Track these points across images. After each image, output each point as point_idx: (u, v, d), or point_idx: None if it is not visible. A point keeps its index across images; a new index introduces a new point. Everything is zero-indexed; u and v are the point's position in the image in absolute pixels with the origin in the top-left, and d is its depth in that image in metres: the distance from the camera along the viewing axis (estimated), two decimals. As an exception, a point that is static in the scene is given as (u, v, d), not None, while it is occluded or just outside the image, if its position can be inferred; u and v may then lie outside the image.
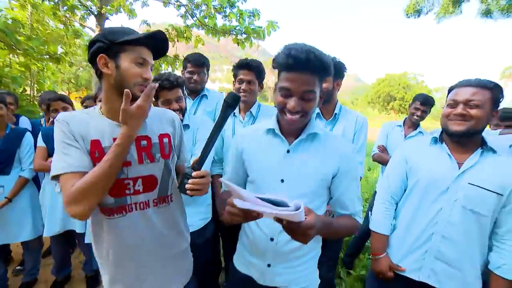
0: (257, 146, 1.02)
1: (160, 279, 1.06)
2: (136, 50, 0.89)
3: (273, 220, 0.95)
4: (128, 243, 0.98)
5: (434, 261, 1.22)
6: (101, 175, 0.83)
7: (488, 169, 1.16)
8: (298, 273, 1.02)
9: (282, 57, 0.88)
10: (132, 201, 0.97)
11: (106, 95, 0.94)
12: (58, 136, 0.90)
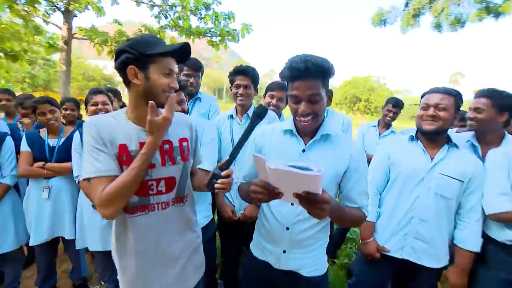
0: (276, 144, 1.12)
1: (179, 274, 1.13)
2: (164, 62, 0.95)
3: (291, 205, 1.07)
4: (150, 239, 1.04)
5: (414, 240, 1.43)
6: (129, 181, 0.90)
7: (453, 161, 1.40)
8: (310, 258, 1.15)
9: (285, 70, 1.01)
10: (154, 201, 1.03)
11: (134, 103, 0.99)
12: (88, 140, 0.94)
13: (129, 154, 0.96)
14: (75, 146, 1.82)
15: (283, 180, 0.80)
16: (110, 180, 0.90)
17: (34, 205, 1.87)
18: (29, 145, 1.84)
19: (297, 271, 1.14)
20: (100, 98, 1.83)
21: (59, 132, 1.93)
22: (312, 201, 0.77)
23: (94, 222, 1.85)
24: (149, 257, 1.05)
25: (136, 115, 1.00)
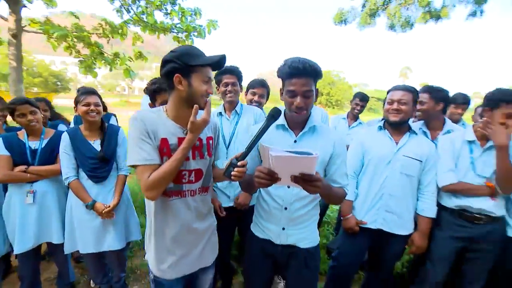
0: (270, 138, 1.27)
1: (201, 252, 1.29)
2: (204, 71, 1.09)
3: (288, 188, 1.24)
4: (182, 221, 1.20)
5: (385, 213, 1.71)
6: (170, 170, 1.06)
7: (413, 145, 1.70)
8: (305, 232, 1.34)
9: (285, 68, 1.16)
10: (186, 188, 1.19)
11: (176, 104, 1.13)
12: (135, 132, 1.07)
13: (169, 148, 1.11)
14: (64, 148, 1.78)
15: (283, 165, 0.95)
16: (153, 168, 1.06)
17: (16, 211, 1.78)
18: (7, 148, 1.74)
19: (295, 244, 1.33)
20: (93, 99, 1.79)
21: (40, 134, 1.86)
22: (308, 180, 0.94)
23: (86, 223, 1.84)
24: (180, 236, 1.21)
25: (176, 115, 1.14)
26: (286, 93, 1.20)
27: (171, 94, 1.13)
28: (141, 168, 1.05)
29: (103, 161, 1.85)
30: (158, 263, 1.20)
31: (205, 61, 1.08)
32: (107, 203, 1.84)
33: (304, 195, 1.27)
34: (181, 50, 1.10)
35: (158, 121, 1.12)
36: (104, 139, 1.87)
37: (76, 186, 1.79)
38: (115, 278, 2.12)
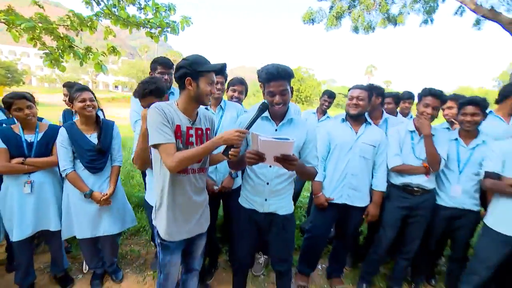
0: (257, 126, 1.54)
1: (198, 221, 1.55)
2: (209, 76, 1.36)
3: (269, 167, 1.54)
4: (186, 193, 1.46)
5: (348, 189, 2.10)
6: (199, 154, 1.33)
7: (369, 133, 2.10)
8: (283, 202, 1.65)
9: (263, 75, 1.47)
10: (189, 168, 1.44)
11: (185, 101, 1.41)
12: (157, 118, 1.32)
13: (181, 132, 1.40)
14: (61, 141, 1.90)
15: (268, 148, 1.25)
16: (173, 146, 1.32)
17: (14, 201, 1.86)
18: (4, 141, 1.82)
19: (275, 212, 1.65)
20: (87, 95, 1.91)
21: (34, 127, 1.95)
22: (287, 160, 1.26)
23: (83, 210, 1.99)
24: (184, 206, 1.48)
25: (185, 108, 1.42)
26: (267, 94, 1.51)
27: (182, 93, 1.39)
28: (164, 146, 1.31)
29: (100, 153, 2.00)
30: (166, 228, 1.44)
31: (210, 68, 1.35)
32: (103, 191, 2.01)
33: (283, 173, 1.59)
34: (192, 58, 1.35)
35: (173, 112, 1.38)
36: (101, 132, 2.02)
37: (73, 177, 1.93)
38: (108, 262, 2.28)
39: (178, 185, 1.43)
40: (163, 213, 1.44)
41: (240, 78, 2.70)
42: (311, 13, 7.50)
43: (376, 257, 2.31)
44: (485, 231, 1.90)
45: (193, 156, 1.32)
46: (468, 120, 1.98)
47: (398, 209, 2.15)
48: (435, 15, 7.46)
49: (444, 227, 2.17)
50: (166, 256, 1.51)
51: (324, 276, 2.52)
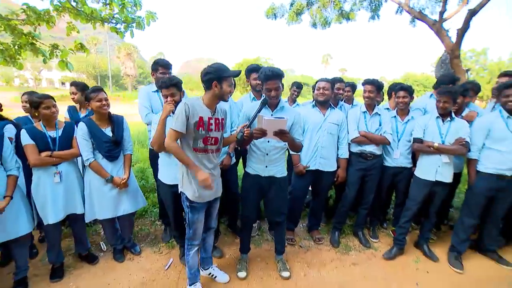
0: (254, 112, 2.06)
1: (216, 188, 2.02)
2: (229, 79, 1.83)
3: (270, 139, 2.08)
4: (206, 167, 1.91)
5: (320, 159, 2.72)
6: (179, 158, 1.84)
7: (333, 115, 2.74)
8: (279, 167, 2.22)
9: (262, 75, 2.02)
10: (209, 148, 1.89)
11: (210, 98, 1.85)
12: (182, 111, 1.76)
13: (203, 122, 1.83)
14: (82, 135, 2.20)
15: (270, 125, 1.80)
16: (178, 134, 1.78)
17: (47, 190, 2.13)
18: (32, 138, 2.07)
19: (273, 175, 2.21)
20: (103, 95, 2.22)
21: (54, 124, 2.21)
22: (282, 133, 1.83)
23: (104, 194, 2.33)
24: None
25: (209, 103, 1.86)
26: (265, 90, 2.04)
27: (208, 92, 1.84)
28: (173, 131, 1.77)
29: (115, 144, 2.34)
30: (194, 193, 1.89)
31: (230, 74, 1.81)
32: (120, 176, 2.36)
33: (277, 146, 2.14)
34: (216, 66, 1.80)
35: (199, 106, 1.83)
36: (114, 126, 2.35)
37: (96, 166, 2.25)
38: (127, 238, 2.65)
39: (199, 161, 1.89)
40: (192, 182, 1.88)
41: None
42: (273, 8, 8.05)
43: (344, 209, 3.00)
44: (414, 179, 2.69)
45: (176, 156, 1.82)
46: (401, 101, 2.73)
47: (357, 171, 2.85)
48: (381, 12, 8.55)
49: (390, 181, 2.94)
50: (195, 215, 1.97)
51: (305, 231, 3.18)
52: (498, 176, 2.40)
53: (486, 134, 2.44)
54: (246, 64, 51.71)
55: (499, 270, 2.58)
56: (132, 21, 6.43)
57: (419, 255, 2.78)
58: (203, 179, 1.81)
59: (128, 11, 6.41)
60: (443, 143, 2.49)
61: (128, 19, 6.37)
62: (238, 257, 2.56)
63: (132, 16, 6.38)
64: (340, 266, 2.61)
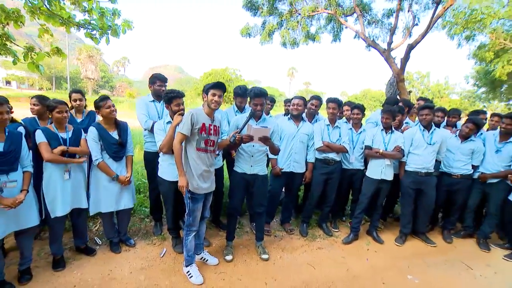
0: (241, 123, 2.57)
1: (210, 184, 2.46)
2: (212, 90, 2.27)
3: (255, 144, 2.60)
4: (204, 165, 2.35)
5: (293, 162, 3.31)
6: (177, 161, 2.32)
7: (305, 127, 3.37)
8: (261, 167, 2.74)
9: (251, 93, 2.57)
10: (208, 149, 2.33)
11: (205, 106, 2.30)
12: (188, 118, 2.22)
13: (205, 127, 2.30)
14: (93, 137, 2.50)
15: (256, 132, 2.34)
16: (183, 137, 2.24)
17: (57, 185, 2.36)
18: (46, 138, 2.31)
19: (257, 173, 2.73)
20: (111, 102, 2.56)
21: (64, 127, 2.47)
22: (266, 139, 2.39)
23: (109, 190, 2.62)
24: (203, 172, 2.37)
25: (207, 112, 2.31)
26: (253, 104, 2.58)
27: (204, 101, 2.32)
28: (180, 134, 2.23)
29: (121, 145, 2.66)
30: (194, 185, 2.32)
31: (213, 86, 2.28)
32: (124, 174, 2.68)
33: (260, 149, 2.68)
34: (209, 84, 2.29)
35: (201, 114, 2.29)
36: (120, 130, 2.67)
37: (103, 165, 2.56)
38: (122, 232, 2.92)
39: (200, 159, 2.34)
40: (193, 177, 2.32)
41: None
42: (248, 28, 8.75)
43: (310, 207, 3.61)
44: (365, 178, 3.41)
45: (175, 156, 2.26)
46: (355, 117, 3.47)
47: (321, 175, 3.48)
48: (342, 35, 9.76)
49: (348, 182, 3.64)
50: (195, 204, 2.39)
51: (279, 224, 3.72)
52: (416, 173, 3.24)
53: (410, 143, 3.27)
54: (215, 73, 51.45)
55: (425, 247, 3.38)
56: (108, 28, 6.60)
57: (370, 240, 3.48)
58: (181, 185, 2.27)
59: (107, 19, 6.59)
60: (386, 150, 3.25)
61: (104, 26, 6.53)
62: (223, 245, 3.00)
63: (109, 24, 6.56)
64: (308, 250, 3.18)
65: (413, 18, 7.35)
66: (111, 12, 6.58)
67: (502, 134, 3.37)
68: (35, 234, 2.48)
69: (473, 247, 3.49)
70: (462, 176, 3.40)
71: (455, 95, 33.57)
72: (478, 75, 14.59)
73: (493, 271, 3.00)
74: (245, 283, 2.50)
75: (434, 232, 3.78)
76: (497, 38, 9.78)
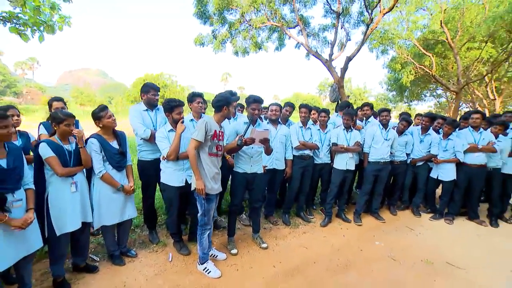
0: (243, 126, 2.89)
1: (219, 185, 2.70)
2: (234, 104, 2.59)
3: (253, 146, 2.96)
4: (215, 167, 2.60)
5: (275, 160, 3.77)
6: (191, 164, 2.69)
7: (282, 129, 3.86)
8: (259, 166, 3.10)
9: (250, 99, 2.93)
10: (218, 153, 2.60)
11: (219, 118, 2.62)
12: (202, 125, 2.44)
13: (216, 134, 2.54)
14: (95, 149, 2.45)
15: (258, 134, 2.72)
16: (198, 143, 2.44)
17: (66, 200, 2.26)
18: (53, 151, 2.19)
19: (256, 172, 3.09)
20: (111, 113, 2.54)
21: (68, 139, 2.36)
22: (266, 140, 2.80)
23: (113, 201, 2.60)
24: (215, 174, 2.61)
25: (218, 120, 2.58)
26: (251, 109, 2.93)
27: (217, 113, 2.59)
28: (194, 141, 2.44)
29: (122, 155, 2.66)
30: (209, 187, 2.53)
31: (235, 99, 2.63)
32: (125, 184, 2.68)
33: (258, 151, 3.05)
34: (226, 96, 2.57)
35: (213, 123, 2.52)
36: (120, 140, 2.67)
37: (107, 177, 2.53)
38: (123, 244, 2.88)
39: (211, 162, 2.58)
40: (207, 179, 2.54)
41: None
42: (201, 37, 8.92)
43: (291, 198, 4.12)
44: (334, 170, 4.10)
45: (191, 162, 2.47)
46: (322, 119, 4.15)
47: (299, 168, 4.02)
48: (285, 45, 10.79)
49: (318, 174, 4.28)
50: (210, 204, 2.60)
51: (263, 218, 4.11)
52: (377, 162, 4.09)
53: (372, 138, 4.12)
54: (149, 79, 48.53)
55: (376, 223, 4.26)
56: (41, 24, 5.94)
57: (340, 221, 4.18)
58: (200, 188, 2.49)
59: (45, 15, 5.92)
60: (348, 145, 3.99)
61: (37, 23, 5.85)
62: (225, 242, 3.24)
63: (42, 19, 5.89)
64: (296, 235, 3.67)
65: (347, 35, 8.77)
66: (49, 6, 5.94)
67: (423, 128, 4.54)
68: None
69: (410, 215, 4.55)
70: (401, 162, 4.42)
71: (372, 97, 39.85)
72: (389, 81, 17.85)
73: (425, 229, 4.04)
74: (256, 270, 2.82)
75: (382, 209, 4.75)
76: (402, 53, 12.31)
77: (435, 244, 3.56)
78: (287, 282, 2.64)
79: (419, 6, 11.23)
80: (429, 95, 20.47)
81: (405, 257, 3.19)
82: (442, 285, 2.71)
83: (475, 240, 3.77)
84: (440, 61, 13.22)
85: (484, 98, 16.75)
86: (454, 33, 11.14)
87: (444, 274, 2.90)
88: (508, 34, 9.61)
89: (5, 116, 1.89)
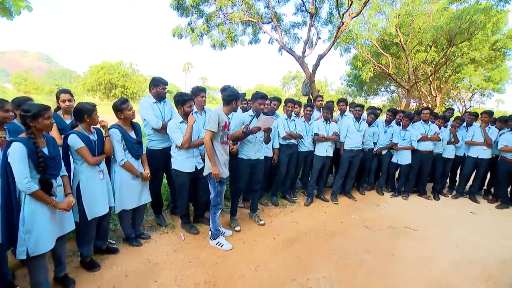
0: (246, 120, 3.29)
1: (227, 168, 3.08)
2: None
3: (257, 135, 3.39)
4: (225, 154, 2.98)
5: (266, 148, 4.24)
6: (208, 155, 2.93)
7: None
8: (262, 153, 3.55)
9: (259, 95, 3.38)
10: (228, 142, 3.00)
11: (228, 110, 2.97)
12: (215, 117, 2.79)
13: (226, 125, 2.91)
14: (118, 139, 2.65)
15: (264, 122, 3.18)
16: (212, 133, 2.81)
17: (96, 186, 2.44)
18: (82, 141, 2.35)
19: (259, 158, 3.54)
20: (131, 105, 2.74)
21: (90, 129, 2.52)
22: (269, 130, 3.30)
23: (132, 187, 2.84)
24: (226, 161, 3.00)
25: (226, 113, 2.97)
26: (258, 104, 3.36)
27: (226, 106, 2.94)
28: (209, 131, 2.78)
29: (139, 144, 2.89)
30: (221, 171, 2.91)
31: (242, 96, 3.00)
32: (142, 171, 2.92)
33: (260, 139, 3.48)
34: (235, 91, 2.91)
35: (223, 115, 2.87)
36: (136, 130, 2.89)
37: (128, 165, 2.75)
38: (138, 227, 3.12)
39: (223, 149, 2.95)
40: (220, 165, 2.91)
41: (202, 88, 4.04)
42: (179, 29, 8.86)
43: (279, 182, 4.64)
44: (315, 156, 4.71)
45: (207, 151, 2.82)
46: (307, 113, 4.71)
47: (286, 156, 4.54)
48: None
49: (303, 161, 4.86)
50: (222, 186, 2.99)
51: (257, 201, 4.59)
52: (351, 150, 4.80)
53: (347, 129, 4.80)
54: (107, 66, 44.53)
55: (350, 201, 5.03)
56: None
57: (320, 201, 4.84)
58: (216, 173, 2.86)
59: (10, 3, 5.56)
60: (328, 135, 4.62)
61: None
62: (226, 222, 3.65)
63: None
64: (286, 214, 4.23)
65: (317, 33, 9.47)
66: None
67: (386, 121, 5.39)
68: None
69: (375, 194, 5.42)
70: (369, 150, 5.21)
71: (333, 91, 42.41)
72: (349, 77, 19.39)
73: (388, 204, 4.91)
74: (260, 241, 3.29)
75: (352, 190, 5.54)
76: (363, 52, 13.56)
77: (396, 215, 4.41)
78: (288, 248, 3.17)
79: (378, 10, 12.43)
80: (384, 90, 22.67)
81: (375, 225, 3.95)
82: (403, 243, 3.49)
83: (424, 210, 4.74)
84: (394, 60, 14.84)
85: (428, 95, 19.19)
86: (407, 37, 12.64)
87: (404, 234, 3.71)
88: (447, 42, 11.27)
89: (49, 108, 2.05)
